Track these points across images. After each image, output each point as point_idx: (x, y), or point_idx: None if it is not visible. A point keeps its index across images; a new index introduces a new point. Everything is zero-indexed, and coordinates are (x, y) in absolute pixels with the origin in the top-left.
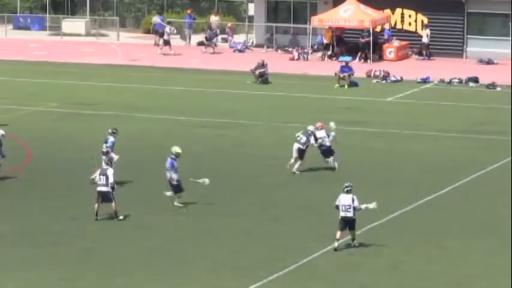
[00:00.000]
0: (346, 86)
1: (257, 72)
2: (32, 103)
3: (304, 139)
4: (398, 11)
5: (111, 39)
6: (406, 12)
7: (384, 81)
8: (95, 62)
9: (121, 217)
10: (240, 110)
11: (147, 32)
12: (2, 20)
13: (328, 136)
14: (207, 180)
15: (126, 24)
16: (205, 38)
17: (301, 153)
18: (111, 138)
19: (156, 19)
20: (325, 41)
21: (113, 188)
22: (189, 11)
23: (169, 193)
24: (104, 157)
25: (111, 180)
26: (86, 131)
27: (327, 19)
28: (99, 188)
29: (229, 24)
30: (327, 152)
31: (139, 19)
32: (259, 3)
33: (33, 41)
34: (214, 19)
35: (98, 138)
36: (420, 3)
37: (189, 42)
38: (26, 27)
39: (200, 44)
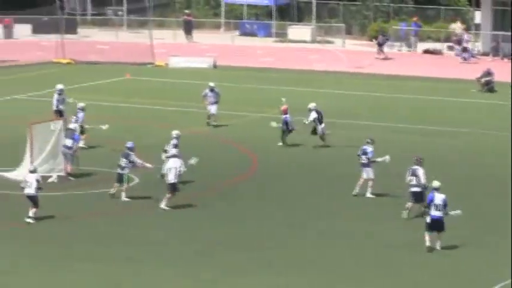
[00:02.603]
0: None
1: (483, 80)
2: (258, 109)
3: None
4: None
5: (337, 46)
6: None
7: None
8: (320, 69)
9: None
10: (463, 119)
11: (373, 39)
12: (229, 26)
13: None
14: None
15: (352, 31)
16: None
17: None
18: (369, 148)
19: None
20: None
21: (424, 187)
22: (415, 19)
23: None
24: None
25: (422, 181)
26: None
27: None
28: (412, 189)
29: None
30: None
31: (365, 26)
32: (485, 11)
33: (259, 47)
34: (458, 26)
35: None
36: None
37: (415, 49)
38: (252, 34)
39: (426, 51)
